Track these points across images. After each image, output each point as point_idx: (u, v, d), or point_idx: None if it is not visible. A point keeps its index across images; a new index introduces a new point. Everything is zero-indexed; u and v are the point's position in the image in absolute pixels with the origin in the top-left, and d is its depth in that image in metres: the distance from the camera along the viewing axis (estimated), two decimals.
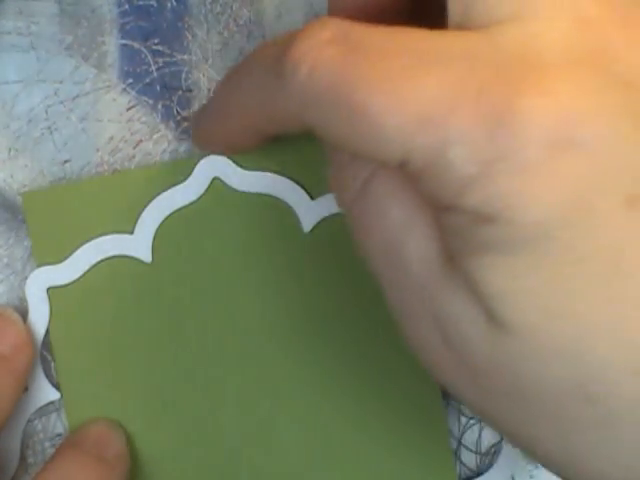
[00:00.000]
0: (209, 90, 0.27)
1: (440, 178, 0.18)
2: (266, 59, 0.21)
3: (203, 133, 0.26)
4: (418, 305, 0.20)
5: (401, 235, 0.20)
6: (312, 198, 0.27)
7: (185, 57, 0.27)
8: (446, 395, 0.28)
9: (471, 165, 0.17)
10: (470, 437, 0.28)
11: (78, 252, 0.26)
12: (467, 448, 0.28)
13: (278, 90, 0.20)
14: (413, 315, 0.20)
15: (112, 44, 0.27)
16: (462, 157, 0.17)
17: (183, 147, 0.27)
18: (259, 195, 0.27)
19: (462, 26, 0.19)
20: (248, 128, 0.24)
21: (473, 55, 0.18)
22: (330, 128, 0.19)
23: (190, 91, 0.27)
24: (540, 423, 0.19)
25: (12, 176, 0.27)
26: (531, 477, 0.28)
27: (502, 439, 0.27)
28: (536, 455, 0.20)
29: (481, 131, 0.17)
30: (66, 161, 0.27)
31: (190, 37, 0.27)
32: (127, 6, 0.27)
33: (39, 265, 0.26)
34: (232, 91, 0.24)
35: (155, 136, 0.27)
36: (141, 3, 0.27)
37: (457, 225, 0.18)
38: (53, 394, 0.27)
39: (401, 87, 0.18)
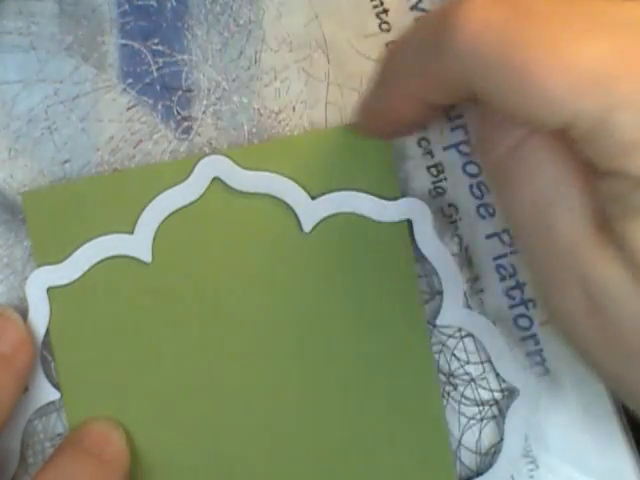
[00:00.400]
0: (209, 90, 0.27)
1: (604, 142, 0.18)
2: (428, 25, 0.21)
3: (370, 115, 0.25)
4: (564, 268, 0.20)
5: (551, 197, 0.20)
6: (312, 198, 0.27)
7: (185, 57, 0.27)
8: (446, 395, 0.28)
9: (639, 130, 0.17)
10: (470, 437, 0.28)
11: (78, 252, 0.26)
12: (467, 448, 0.28)
13: (443, 53, 0.20)
14: (557, 278, 0.20)
15: (112, 44, 0.27)
16: (630, 121, 0.17)
17: (183, 147, 0.27)
18: (259, 195, 0.27)
19: None
20: (414, 100, 0.23)
21: None
22: (495, 91, 0.19)
23: (190, 91, 0.27)
24: None
25: (12, 176, 0.27)
26: (531, 477, 0.28)
27: (502, 439, 0.27)
28: None
29: None
30: (66, 161, 0.27)
31: (190, 37, 0.27)
32: (127, 6, 0.27)
33: (39, 265, 0.26)
34: (396, 63, 0.23)
35: (155, 136, 0.27)
36: (141, 3, 0.27)
37: (616, 190, 0.18)
38: (53, 394, 0.27)
39: (570, 49, 0.18)
